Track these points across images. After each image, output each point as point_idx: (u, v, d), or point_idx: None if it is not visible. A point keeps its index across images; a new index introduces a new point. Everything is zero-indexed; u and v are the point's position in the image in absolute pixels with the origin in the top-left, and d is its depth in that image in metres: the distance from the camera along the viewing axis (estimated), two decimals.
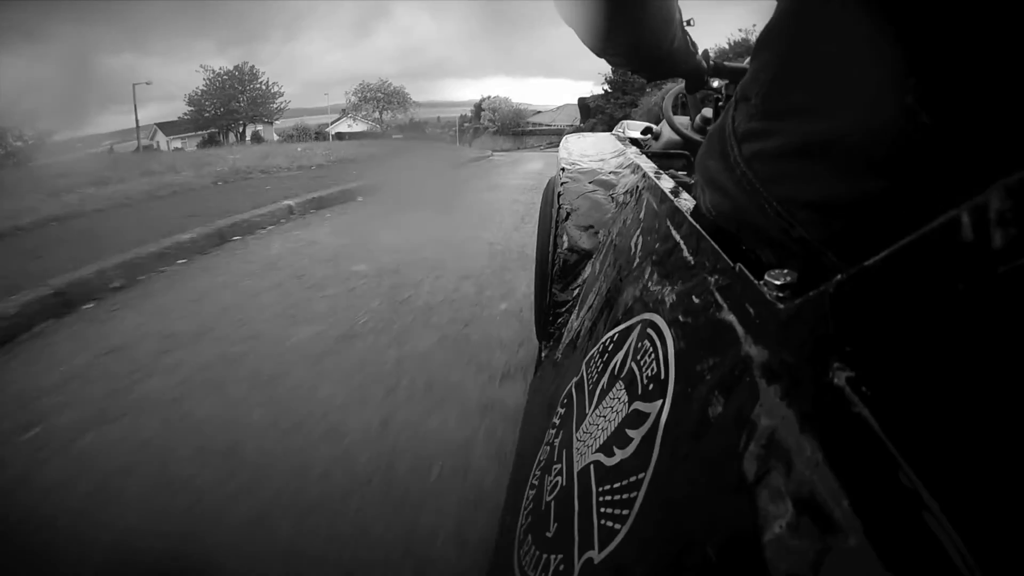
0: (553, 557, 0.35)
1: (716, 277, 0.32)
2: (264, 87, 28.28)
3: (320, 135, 29.08)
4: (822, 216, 0.29)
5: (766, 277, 0.27)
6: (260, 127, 28.38)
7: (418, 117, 31.50)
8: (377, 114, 30.46)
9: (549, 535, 0.38)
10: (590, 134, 1.74)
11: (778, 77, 0.33)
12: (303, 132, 29.20)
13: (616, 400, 0.36)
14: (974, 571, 0.13)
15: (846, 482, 0.17)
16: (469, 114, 31.85)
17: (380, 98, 30.92)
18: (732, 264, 0.31)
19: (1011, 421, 0.14)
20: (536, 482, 0.47)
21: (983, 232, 0.14)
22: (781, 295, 0.26)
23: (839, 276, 0.19)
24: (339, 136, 28.36)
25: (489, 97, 30.99)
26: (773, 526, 0.18)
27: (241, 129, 27.89)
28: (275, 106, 28.84)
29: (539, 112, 31.23)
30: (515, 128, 29.19)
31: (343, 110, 30.89)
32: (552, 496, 0.41)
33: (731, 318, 0.28)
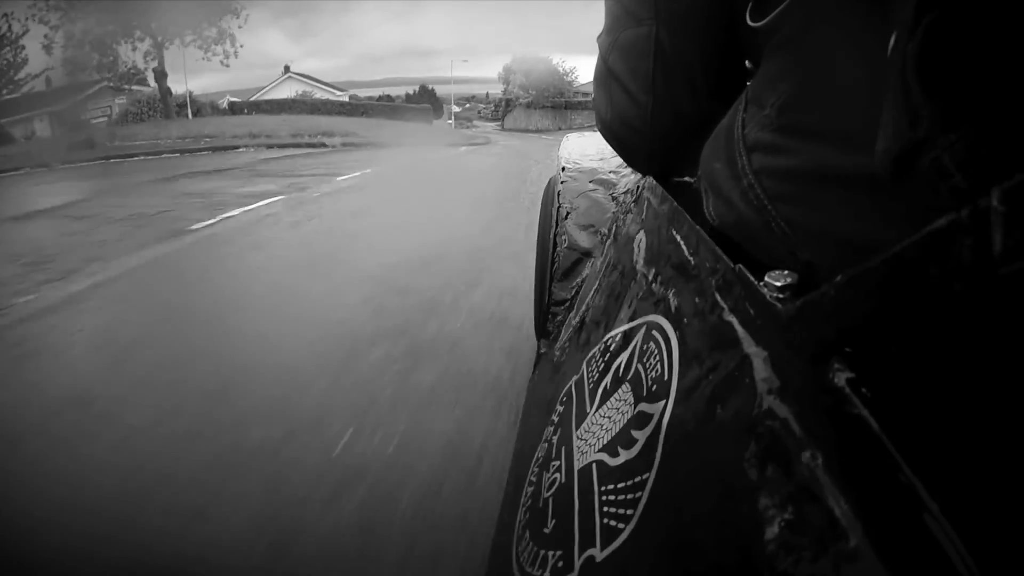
0: (552, 554, 0.35)
1: (717, 278, 0.32)
2: None
3: (195, 109, 17.47)
4: (831, 247, 0.29)
5: (766, 278, 0.27)
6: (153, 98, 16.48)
7: (459, 93, 24.50)
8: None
9: (547, 531, 0.38)
10: (590, 133, 1.74)
11: (798, 92, 0.31)
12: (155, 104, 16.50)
13: (622, 402, 0.36)
14: (973, 572, 0.13)
15: (846, 483, 0.17)
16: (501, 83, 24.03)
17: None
18: (732, 265, 0.31)
19: (1010, 423, 0.14)
20: (534, 479, 0.48)
21: (984, 234, 0.14)
22: (781, 296, 0.26)
23: (839, 277, 0.20)
24: (234, 107, 17.88)
25: (520, 57, 22.11)
26: (772, 527, 0.18)
27: None
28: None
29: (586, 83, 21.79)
30: (556, 99, 21.79)
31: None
32: (550, 493, 0.41)
33: (732, 319, 0.28)
